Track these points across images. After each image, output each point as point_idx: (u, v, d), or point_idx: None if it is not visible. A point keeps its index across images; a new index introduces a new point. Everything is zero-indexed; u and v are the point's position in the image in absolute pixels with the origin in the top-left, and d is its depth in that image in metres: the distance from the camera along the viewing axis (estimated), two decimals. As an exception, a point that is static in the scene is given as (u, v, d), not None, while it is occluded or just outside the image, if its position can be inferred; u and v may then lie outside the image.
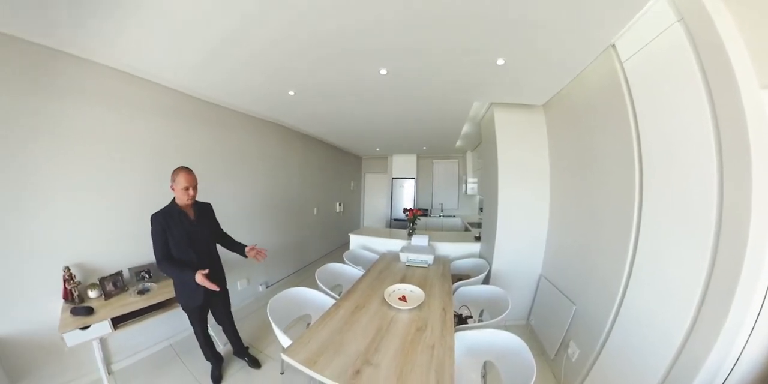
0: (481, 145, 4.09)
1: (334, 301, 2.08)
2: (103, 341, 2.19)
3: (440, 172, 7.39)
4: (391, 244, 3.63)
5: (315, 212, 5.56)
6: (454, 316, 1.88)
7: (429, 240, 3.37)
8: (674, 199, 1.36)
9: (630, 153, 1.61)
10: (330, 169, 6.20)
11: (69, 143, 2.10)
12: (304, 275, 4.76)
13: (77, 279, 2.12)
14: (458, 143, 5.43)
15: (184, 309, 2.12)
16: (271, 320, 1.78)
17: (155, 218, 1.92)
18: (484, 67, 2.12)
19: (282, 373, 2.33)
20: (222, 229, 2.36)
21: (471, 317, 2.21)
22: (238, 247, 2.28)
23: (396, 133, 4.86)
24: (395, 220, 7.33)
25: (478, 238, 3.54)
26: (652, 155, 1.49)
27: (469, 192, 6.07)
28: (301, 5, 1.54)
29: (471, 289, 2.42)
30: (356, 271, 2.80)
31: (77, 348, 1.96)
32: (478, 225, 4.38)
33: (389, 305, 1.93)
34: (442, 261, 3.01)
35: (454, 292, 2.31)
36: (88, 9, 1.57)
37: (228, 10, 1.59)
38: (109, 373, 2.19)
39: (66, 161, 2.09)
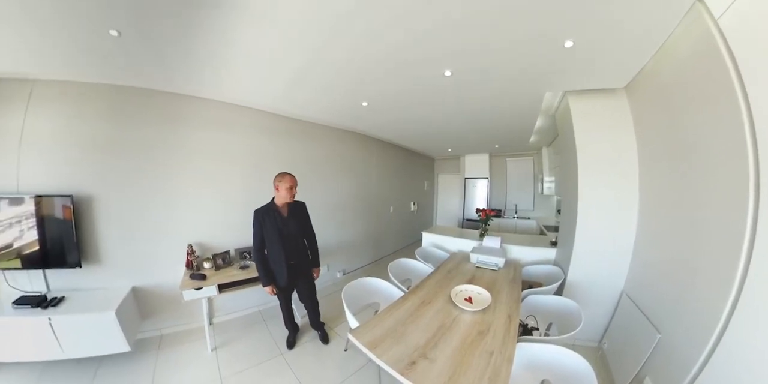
0: (558, 139, 3.65)
1: (402, 294, 2.10)
2: (209, 300, 2.64)
3: (514, 170, 6.79)
4: (462, 244, 3.51)
5: (391, 210, 5.74)
6: (519, 325, 1.74)
7: (501, 242, 3.13)
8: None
9: (740, 138, 1.19)
10: (404, 170, 6.32)
11: (191, 157, 2.82)
12: (377, 267, 4.93)
13: (197, 253, 2.78)
14: (532, 139, 4.87)
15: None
16: (344, 303, 1.89)
17: (256, 213, 2.26)
18: (551, 52, 1.88)
19: (345, 350, 2.47)
20: (312, 229, 2.52)
21: (537, 329, 2.02)
22: (312, 258, 2.52)
23: (466, 133, 4.68)
24: (467, 220, 7.04)
25: (554, 244, 3.16)
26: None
27: (545, 192, 5.40)
28: (359, 28, 1.66)
29: (541, 299, 2.20)
30: (426, 268, 2.79)
31: (190, 303, 2.57)
32: (555, 229, 4.00)
33: (454, 304, 1.87)
34: (513, 265, 2.80)
35: (522, 299, 2.14)
36: (195, 63, 2.14)
37: (301, 46, 1.89)
38: (210, 324, 2.62)
39: (190, 170, 2.82)
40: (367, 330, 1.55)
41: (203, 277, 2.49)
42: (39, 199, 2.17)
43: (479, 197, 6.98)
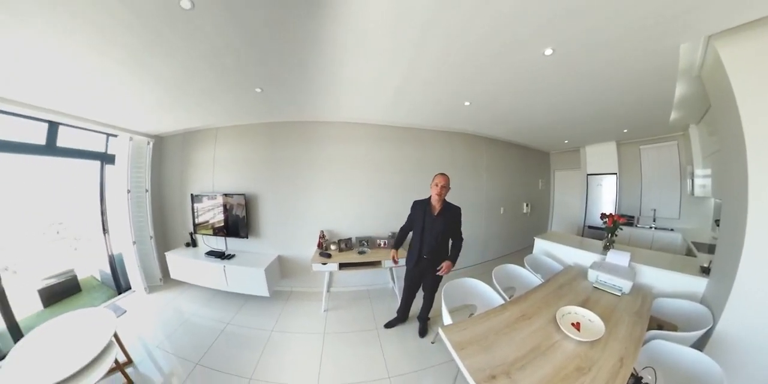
0: (711, 111, 2.51)
1: (502, 302, 1.93)
2: (330, 274, 3.17)
3: (651, 162, 4.88)
4: (580, 256, 2.81)
5: (501, 212, 5.20)
6: (631, 375, 1.28)
7: (630, 260, 2.35)
8: None
9: None
10: (516, 168, 5.57)
11: (322, 166, 3.57)
12: (480, 270, 4.53)
13: (326, 237, 3.45)
14: (673, 116, 3.36)
15: (407, 271, 2.53)
16: (442, 298, 1.90)
17: (414, 203, 2.48)
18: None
19: (432, 343, 2.46)
20: (459, 235, 2.39)
21: (653, 388, 1.43)
22: (450, 255, 2.36)
23: (583, 119, 3.68)
24: (589, 227, 5.60)
25: (705, 271, 2.11)
26: None
27: (697, 192, 3.63)
28: (442, 32, 1.61)
29: (671, 349, 1.52)
30: (534, 279, 2.44)
31: (316, 273, 3.19)
32: (710, 249, 2.87)
33: (558, 327, 1.54)
34: (642, 293, 2.06)
35: (645, 342, 1.54)
36: (316, 99, 2.76)
37: (394, 63, 2.03)
38: (327, 291, 3.16)
39: (322, 175, 3.56)
40: (459, 329, 1.47)
41: (329, 256, 3.05)
42: (225, 196, 3.42)
43: (605, 199, 5.48)
